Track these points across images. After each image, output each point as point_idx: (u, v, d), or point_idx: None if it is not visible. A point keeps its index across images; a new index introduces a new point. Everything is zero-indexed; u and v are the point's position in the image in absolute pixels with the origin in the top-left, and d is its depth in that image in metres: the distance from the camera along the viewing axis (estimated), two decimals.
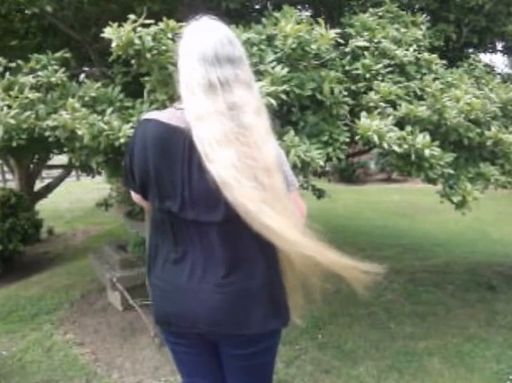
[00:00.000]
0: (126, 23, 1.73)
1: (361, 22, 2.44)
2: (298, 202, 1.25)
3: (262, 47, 1.98)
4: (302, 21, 2.12)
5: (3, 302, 3.72)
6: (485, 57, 3.95)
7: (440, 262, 4.70)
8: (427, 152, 1.94)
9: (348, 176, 11.81)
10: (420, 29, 2.63)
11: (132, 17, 1.76)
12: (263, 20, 2.23)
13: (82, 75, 2.86)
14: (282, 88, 1.83)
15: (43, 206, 6.06)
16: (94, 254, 3.91)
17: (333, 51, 2.22)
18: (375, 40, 2.33)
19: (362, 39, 2.33)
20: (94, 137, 1.77)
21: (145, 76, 1.92)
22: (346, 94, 2.14)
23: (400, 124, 2.06)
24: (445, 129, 2.19)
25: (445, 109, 2.11)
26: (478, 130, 2.29)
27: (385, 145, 1.90)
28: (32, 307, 3.56)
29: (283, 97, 1.84)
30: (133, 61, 1.84)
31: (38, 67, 2.06)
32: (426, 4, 3.06)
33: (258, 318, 1.20)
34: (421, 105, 2.14)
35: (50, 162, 4.78)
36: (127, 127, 1.78)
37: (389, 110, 2.10)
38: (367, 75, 2.22)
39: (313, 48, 1.99)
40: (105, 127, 1.77)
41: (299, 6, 3.27)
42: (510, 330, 3.04)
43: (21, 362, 2.76)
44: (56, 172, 6.89)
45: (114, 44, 1.72)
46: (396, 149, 1.91)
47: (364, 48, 2.31)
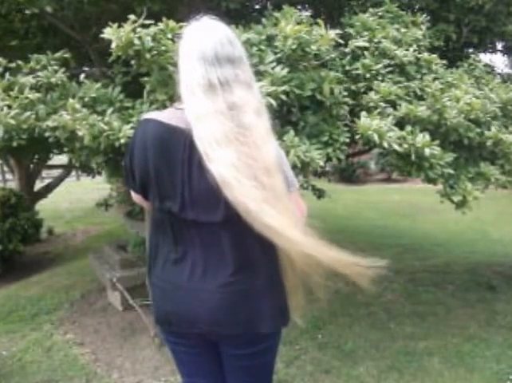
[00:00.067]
0: (126, 23, 1.73)
1: (361, 22, 2.44)
2: (299, 202, 1.25)
3: (262, 47, 1.98)
4: (302, 21, 2.12)
5: (3, 302, 3.72)
6: (485, 57, 3.97)
7: (440, 262, 4.70)
8: (427, 152, 1.94)
9: (348, 176, 11.83)
10: (420, 29, 2.63)
11: (132, 17, 1.76)
12: (263, 20, 2.23)
13: (82, 75, 2.86)
14: (282, 88, 1.83)
15: (43, 206, 6.06)
16: (94, 254, 3.91)
17: (333, 51, 2.22)
18: (375, 40, 2.34)
19: (362, 39, 2.33)
20: (94, 138, 1.77)
21: (145, 76, 1.92)
22: (346, 94, 2.14)
23: (400, 124, 2.06)
24: (445, 129, 2.19)
25: (445, 109, 2.12)
26: (478, 130, 2.29)
27: (385, 144, 1.91)
28: (32, 307, 3.56)
29: (283, 98, 1.84)
30: (133, 62, 1.84)
31: (38, 67, 2.07)
32: (426, 4, 3.06)
33: (262, 318, 1.20)
34: (421, 105, 2.14)
35: (50, 162, 4.77)
36: (127, 127, 1.78)
37: (389, 110, 2.10)
38: (367, 75, 2.22)
39: (313, 48, 1.99)
40: (105, 127, 1.77)
41: (299, 6, 3.28)
42: (510, 330, 3.03)
43: (21, 362, 2.76)
44: (56, 172, 6.89)
45: (114, 44, 1.72)
46: (397, 148, 1.91)
47: (364, 48, 2.31)
